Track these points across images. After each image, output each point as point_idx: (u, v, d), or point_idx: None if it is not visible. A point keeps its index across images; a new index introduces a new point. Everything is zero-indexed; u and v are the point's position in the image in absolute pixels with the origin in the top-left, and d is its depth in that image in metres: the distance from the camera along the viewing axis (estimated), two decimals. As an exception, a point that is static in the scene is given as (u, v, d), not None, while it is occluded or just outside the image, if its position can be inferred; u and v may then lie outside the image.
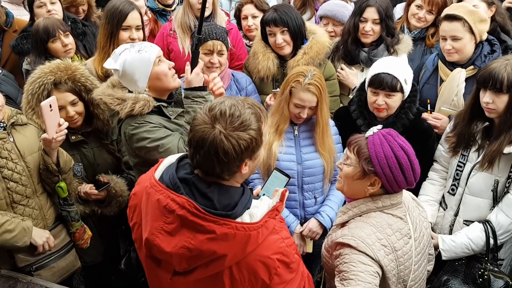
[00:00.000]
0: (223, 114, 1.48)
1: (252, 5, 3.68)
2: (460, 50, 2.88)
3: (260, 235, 1.51)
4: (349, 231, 1.88)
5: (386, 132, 1.93)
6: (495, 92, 2.35)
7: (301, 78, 2.56)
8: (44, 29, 3.02)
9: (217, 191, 1.51)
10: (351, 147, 1.95)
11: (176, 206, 1.46)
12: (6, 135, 2.42)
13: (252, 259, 1.52)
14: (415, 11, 3.56)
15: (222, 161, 1.47)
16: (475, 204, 2.50)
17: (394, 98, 2.62)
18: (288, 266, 1.59)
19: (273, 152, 2.64)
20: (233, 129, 1.47)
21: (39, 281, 2.41)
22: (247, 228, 1.47)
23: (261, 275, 1.53)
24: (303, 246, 2.73)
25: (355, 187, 1.94)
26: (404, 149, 1.89)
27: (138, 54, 2.30)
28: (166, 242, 1.48)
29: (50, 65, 2.62)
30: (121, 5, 2.96)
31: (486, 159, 2.40)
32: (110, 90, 2.35)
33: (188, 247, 1.46)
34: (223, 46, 2.89)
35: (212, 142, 1.45)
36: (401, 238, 1.89)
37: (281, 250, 1.56)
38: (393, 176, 1.86)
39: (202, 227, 1.44)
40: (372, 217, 1.90)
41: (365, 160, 1.87)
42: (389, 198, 1.92)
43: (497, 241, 2.41)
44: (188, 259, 1.49)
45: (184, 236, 1.46)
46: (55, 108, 2.36)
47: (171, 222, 1.48)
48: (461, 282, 2.44)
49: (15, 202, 2.43)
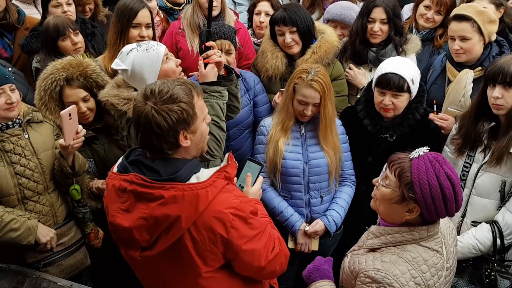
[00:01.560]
0: (153, 91, 1.62)
1: (268, 2, 3.69)
2: (468, 50, 2.88)
3: (209, 193, 1.59)
4: (382, 265, 1.73)
5: (433, 157, 1.74)
6: (505, 86, 2.34)
7: (304, 74, 2.58)
8: (54, 27, 3.04)
9: (162, 163, 1.63)
10: (392, 168, 1.77)
11: (127, 184, 1.59)
12: (21, 132, 2.46)
13: (206, 216, 1.60)
14: (423, 11, 3.55)
15: (157, 134, 1.59)
16: (482, 204, 2.50)
17: (401, 98, 2.62)
18: (246, 221, 1.66)
19: (279, 149, 2.66)
20: (163, 103, 1.60)
21: (47, 276, 2.43)
22: (194, 188, 1.57)
23: (218, 230, 1.61)
24: (308, 244, 2.74)
25: (391, 210, 1.79)
26: (450, 178, 1.70)
27: (146, 53, 2.31)
28: (125, 219, 1.60)
29: (62, 61, 2.66)
30: (131, 3, 2.98)
31: (494, 156, 2.39)
32: (116, 91, 2.36)
33: (143, 217, 1.57)
34: (231, 45, 2.90)
35: (146, 117, 1.59)
36: (436, 273, 1.78)
37: (234, 205, 1.64)
38: (434, 207, 1.70)
39: (152, 195, 1.56)
40: (407, 251, 1.75)
41: (406, 186, 1.71)
42: (427, 229, 1.77)
43: (504, 242, 2.40)
44: (147, 229, 1.59)
45: (139, 209, 1.58)
46: (74, 117, 2.40)
47: (126, 200, 1.61)
48: (468, 282, 2.44)
49: (26, 198, 2.46)
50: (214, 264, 1.69)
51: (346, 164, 2.81)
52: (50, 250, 2.54)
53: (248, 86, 3.11)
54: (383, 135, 2.73)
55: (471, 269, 2.46)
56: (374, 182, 1.90)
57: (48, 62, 2.76)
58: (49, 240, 2.50)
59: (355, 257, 1.87)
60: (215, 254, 1.65)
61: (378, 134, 2.75)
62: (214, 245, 1.63)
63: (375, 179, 1.89)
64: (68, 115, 2.35)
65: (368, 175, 2.75)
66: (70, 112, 2.36)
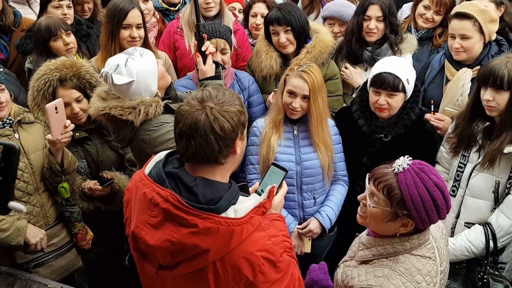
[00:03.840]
0: (208, 95, 1.55)
1: (264, 4, 3.68)
2: (468, 49, 2.85)
3: (244, 231, 1.50)
4: (376, 281, 1.70)
5: (418, 168, 1.70)
6: (496, 89, 2.32)
7: (295, 67, 2.59)
8: (46, 27, 3.04)
9: (202, 185, 1.52)
10: (379, 186, 1.72)
11: (161, 200, 1.47)
12: (12, 132, 2.46)
13: (236, 255, 1.52)
14: (422, 11, 3.51)
15: (220, 137, 1.50)
16: (476, 205, 2.47)
17: (396, 98, 2.59)
18: (275, 264, 1.57)
19: (271, 146, 2.63)
20: (222, 105, 1.53)
21: (37, 279, 2.43)
22: (231, 223, 1.47)
23: (245, 271, 1.52)
24: (301, 247, 2.72)
25: (384, 227, 1.75)
26: (439, 187, 1.69)
27: (144, 59, 2.27)
28: (151, 235, 1.49)
29: (56, 62, 2.65)
30: (121, 3, 2.97)
31: (487, 158, 2.36)
32: (115, 102, 2.27)
33: (171, 241, 1.47)
34: (226, 44, 2.89)
35: (206, 121, 1.50)
36: (431, 281, 1.75)
37: (267, 248, 1.54)
38: (428, 218, 1.68)
39: (185, 221, 1.45)
40: (400, 263, 1.72)
41: (398, 204, 1.67)
42: (418, 238, 1.75)
43: (497, 244, 2.37)
44: (171, 253, 1.49)
45: (167, 229, 1.47)
46: (61, 110, 2.36)
47: (156, 216, 1.49)
48: (461, 285, 2.42)
49: (16, 199, 2.45)
50: None
51: (339, 165, 2.78)
52: (40, 251, 2.54)
53: (242, 86, 3.10)
54: (378, 135, 2.71)
55: (464, 271, 2.44)
56: (360, 199, 1.83)
57: (40, 63, 2.76)
58: (39, 241, 2.50)
59: (347, 270, 1.84)
60: None
61: (373, 134, 2.72)
62: (237, 284, 1.55)
63: (361, 196, 1.83)
64: (54, 108, 2.30)
65: (363, 175, 2.71)
66: (57, 106, 2.32)
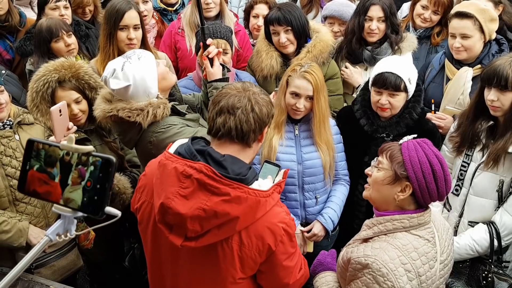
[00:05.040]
0: (249, 85, 1.75)
1: (266, 5, 3.67)
2: (469, 48, 2.85)
3: (268, 203, 1.63)
4: (372, 251, 1.78)
5: (421, 140, 1.87)
6: (500, 89, 2.32)
7: (297, 67, 2.58)
8: (47, 29, 3.03)
9: (230, 160, 1.64)
10: (384, 153, 1.88)
11: (194, 171, 1.57)
12: (12, 134, 2.45)
13: (260, 225, 1.64)
14: (420, 11, 3.52)
15: (258, 117, 1.68)
16: (480, 204, 2.46)
17: (397, 98, 2.59)
18: (291, 238, 1.72)
19: (273, 146, 2.62)
20: (260, 94, 1.74)
21: (39, 280, 2.41)
22: (258, 194, 1.60)
23: (268, 240, 1.65)
24: (303, 246, 2.71)
25: (384, 193, 1.85)
26: (438, 158, 1.82)
27: (141, 62, 2.26)
28: (182, 204, 1.57)
29: (55, 63, 2.64)
30: (118, 4, 2.96)
31: (491, 158, 2.36)
32: (122, 104, 2.26)
33: (203, 208, 1.56)
34: (227, 45, 2.89)
35: (248, 103, 1.68)
36: (427, 262, 1.81)
37: (286, 221, 1.69)
38: (426, 182, 1.78)
39: (218, 189, 1.56)
40: (397, 238, 1.80)
41: (398, 164, 1.80)
42: (417, 217, 1.82)
43: (501, 243, 2.37)
44: (201, 221, 1.58)
45: (199, 198, 1.57)
46: (64, 113, 2.38)
47: (187, 187, 1.58)
48: (465, 284, 2.41)
49: (17, 200, 2.45)
50: (248, 272, 1.72)
51: (340, 164, 2.77)
52: (42, 252, 2.52)
53: (243, 86, 3.09)
54: (380, 135, 2.70)
55: (468, 270, 2.43)
56: (366, 172, 1.96)
57: (41, 64, 2.74)
58: None
59: (349, 249, 1.92)
60: (255, 262, 1.69)
61: (375, 134, 2.72)
62: (259, 254, 1.67)
63: (368, 168, 1.97)
64: (58, 111, 2.32)
65: (364, 175, 2.73)
66: (61, 108, 2.34)
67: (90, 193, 1.14)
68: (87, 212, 1.15)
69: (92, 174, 1.14)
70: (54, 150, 1.18)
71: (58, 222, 1.20)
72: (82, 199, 1.14)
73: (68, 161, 1.16)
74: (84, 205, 1.15)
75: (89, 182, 1.14)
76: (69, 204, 1.16)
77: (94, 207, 1.14)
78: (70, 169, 1.16)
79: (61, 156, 1.17)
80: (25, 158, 1.21)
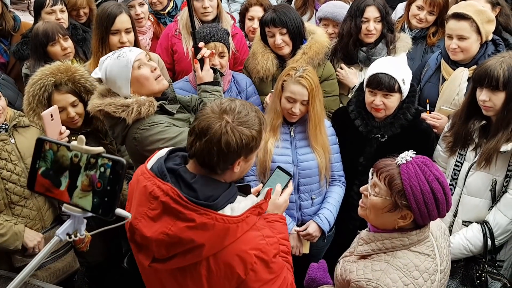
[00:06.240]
0: (232, 109, 1.59)
1: (261, 7, 3.67)
2: (465, 49, 2.85)
3: (239, 229, 1.55)
4: (373, 275, 1.71)
5: (421, 161, 1.73)
6: (492, 89, 2.32)
7: (292, 72, 2.57)
8: (43, 32, 3.04)
9: (201, 182, 1.56)
10: (381, 175, 1.75)
11: (161, 193, 1.51)
12: (7, 137, 2.46)
13: (229, 252, 1.56)
14: (415, 12, 3.51)
15: (222, 152, 1.53)
16: (474, 204, 2.47)
17: (391, 99, 2.59)
18: (267, 264, 1.60)
19: (268, 149, 2.63)
20: (239, 124, 1.56)
21: (36, 282, 2.43)
22: (227, 221, 1.52)
23: (237, 269, 1.56)
24: (299, 247, 2.71)
25: (383, 219, 1.76)
26: (440, 181, 1.71)
27: (118, 61, 2.30)
28: (148, 227, 1.53)
29: (51, 66, 2.65)
30: (109, 9, 2.96)
31: (483, 157, 2.37)
32: (109, 99, 2.32)
33: (167, 233, 1.50)
34: (224, 48, 2.89)
35: (217, 131, 1.53)
36: (428, 278, 1.75)
37: (260, 247, 1.59)
38: (428, 211, 1.69)
39: (183, 215, 1.49)
40: (398, 258, 1.73)
41: (398, 193, 1.69)
42: (417, 234, 1.75)
43: (495, 242, 2.37)
44: (166, 246, 1.53)
45: (165, 222, 1.51)
46: (56, 117, 2.39)
47: (155, 208, 1.53)
48: (459, 284, 2.41)
49: (13, 203, 2.46)
50: None
51: (336, 165, 2.78)
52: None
53: (240, 88, 3.10)
54: (375, 136, 2.71)
55: (462, 270, 2.43)
56: (362, 190, 1.86)
57: (37, 68, 2.75)
58: (37, 244, 2.50)
59: (347, 265, 1.85)
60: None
61: (370, 135, 2.72)
62: (228, 282, 1.59)
63: (363, 187, 1.86)
64: (50, 115, 2.34)
65: (360, 175, 2.75)
66: (52, 113, 2.35)
67: (100, 195, 1.12)
68: (97, 213, 1.13)
69: (102, 175, 1.12)
70: (62, 153, 1.15)
71: (68, 222, 1.18)
72: (92, 200, 1.13)
73: (77, 163, 1.14)
74: (95, 206, 1.13)
75: (99, 183, 1.13)
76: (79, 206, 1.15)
77: (105, 208, 1.12)
78: (79, 172, 1.14)
79: (69, 161, 1.14)
80: (34, 157, 1.19)
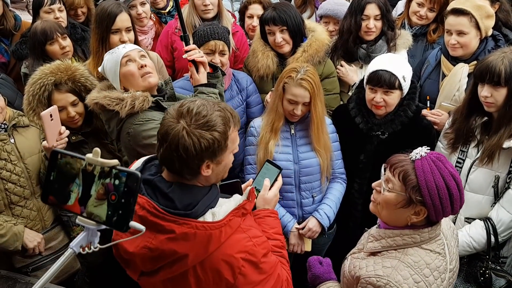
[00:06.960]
0: (189, 111, 1.50)
1: (260, 5, 3.67)
2: (465, 45, 2.84)
3: (222, 234, 1.50)
4: (384, 271, 1.68)
5: (436, 157, 1.71)
6: (493, 85, 2.31)
7: (293, 73, 2.55)
8: (42, 31, 3.03)
9: (178, 191, 1.52)
10: (395, 171, 1.71)
11: (137, 207, 1.45)
12: (7, 137, 2.45)
13: (215, 258, 1.52)
14: (416, 8, 3.50)
15: (181, 157, 1.48)
16: (476, 201, 2.45)
17: (392, 96, 2.58)
18: (257, 266, 1.57)
19: (269, 150, 2.62)
20: (196, 127, 1.48)
21: (37, 282, 2.43)
22: (208, 227, 1.47)
23: (225, 274, 1.53)
24: (301, 245, 2.70)
25: (396, 215, 1.73)
26: (454, 177, 1.68)
27: (111, 56, 2.34)
28: (129, 242, 1.49)
29: (51, 66, 2.64)
30: (109, 8, 2.94)
31: (486, 154, 2.35)
32: (105, 92, 2.34)
33: (149, 247, 1.48)
34: (225, 46, 2.88)
35: (175, 136, 1.47)
36: (439, 277, 1.73)
37: (247, 249, 1.55)
38: (442, 207, 1.67)
39: (162, 227, 1.46)
40: (409, 255, 1.71)
41: (412, 189, 1.66)
42: (428, 231, 1.72)
43: (498, 239, 2.36)
44: (151, 259, 1.50)
45: (145, 236, 1.46)
46: (55, 117, 2.38)
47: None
48: (463, 281, 2.40)
49: (13, 203, 2.46)
50: None
51: (337, 163, 2.77)
52: (38, 254, 2.54)
53: (240, 86, 3.09)
54: (375, 133, 2.70)
55: (465, 267, 2.42)
56: (374, 186, 1.82)
57: (36, 67, 2.74)
58: (37, 245, 2.50)
59: (356, 261, 1.82)
60: None
61: (370, 132, 2.71)
62: (217, 287, 1.56)
63: (375, 183, 1.82)
64: (49, 115, 2.33)
65: (360, 173, 2.75)
66: (51, 113, 2.34)
67: (115, 207, 1.11)
68: (112, 226, 1.12)
69: (116, 188, 1.11)
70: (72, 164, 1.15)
71: (81, 235, 1.18)
72: (107, 212, 1.11)
73: (91, 171, 1.13)
74: (109, 218, 1.11)
75: (114, 196, 1.11)
76: (93, 218, 1.13)
77: (119, 221, 1.10)
78: (93, 181, 1.13)
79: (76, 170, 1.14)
80: (49, 168, 1.17)
